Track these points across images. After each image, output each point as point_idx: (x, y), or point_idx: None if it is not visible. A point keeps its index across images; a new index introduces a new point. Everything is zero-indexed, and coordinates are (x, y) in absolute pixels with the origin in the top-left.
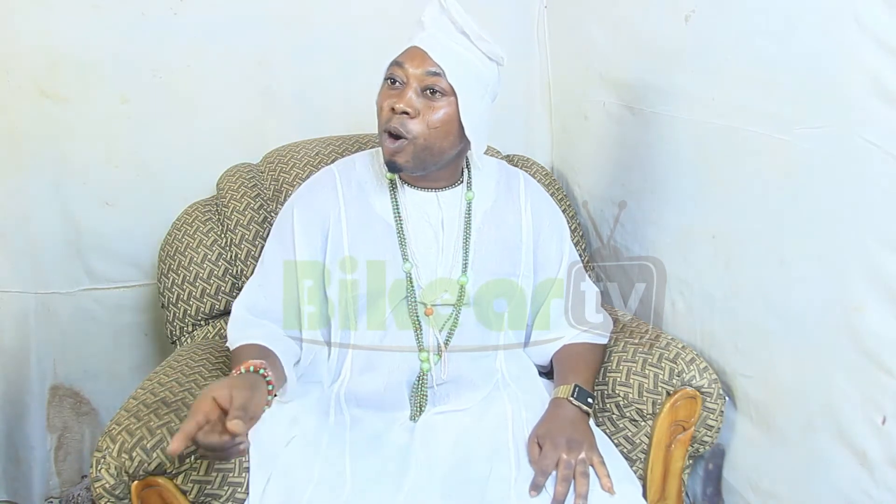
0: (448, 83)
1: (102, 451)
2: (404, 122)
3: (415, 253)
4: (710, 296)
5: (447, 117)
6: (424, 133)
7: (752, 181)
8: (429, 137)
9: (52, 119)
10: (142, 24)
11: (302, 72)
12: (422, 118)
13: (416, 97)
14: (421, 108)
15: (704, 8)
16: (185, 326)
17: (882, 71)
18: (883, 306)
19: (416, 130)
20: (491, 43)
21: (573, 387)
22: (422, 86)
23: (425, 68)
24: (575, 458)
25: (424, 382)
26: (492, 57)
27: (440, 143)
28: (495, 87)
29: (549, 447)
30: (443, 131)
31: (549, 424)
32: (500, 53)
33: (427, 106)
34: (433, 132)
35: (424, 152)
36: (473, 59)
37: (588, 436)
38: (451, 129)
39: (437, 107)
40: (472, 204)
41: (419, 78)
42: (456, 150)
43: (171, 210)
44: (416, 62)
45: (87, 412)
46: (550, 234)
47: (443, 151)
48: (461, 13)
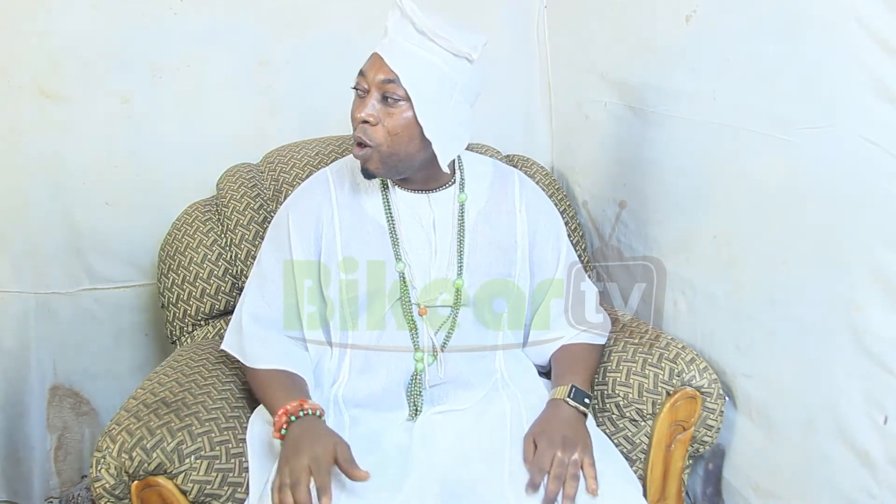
0: (403, 88)
1: (102, 451)
2: (366, 130)
3: (408, 253)
4: (712, 295)
5: (406, 122)
6: (386, 140)
7: (753, 181)
8: (391, 144)
9: (52, 119)
10: (142, 24)
11: (302, 72)
12: (382, 125)
13: (378, 104)
14: (381, 116)
15: (705, 8)
16: (185, 326)
17: (883, 71)
18: (884, 306)
19: (378, 138)
20: (452, 40)
21: (570, 387)
22: (380, 93)
23: (381, 75)
24: (569, 458)
25: (419, 382)
26: (457, 53)
27: (404, 148)
28: (469, 85)
29: (545, 445)
30: (405, 137)
31: (546, 424)
32: (464, 49)
33: (386, 113)
34: (394, 138)
35: (391, 158)
36: (434, 59)
37: (583, 437)
38: (412, 133)
39: (394, 113)
40: (465, 205)
41: (378, 85)
42: (427, 153)
43: (171, 210)
44: (374, 70)
45: (87, 412)
46: (547, 234)
47: (410, 156)
48: (418, 13)
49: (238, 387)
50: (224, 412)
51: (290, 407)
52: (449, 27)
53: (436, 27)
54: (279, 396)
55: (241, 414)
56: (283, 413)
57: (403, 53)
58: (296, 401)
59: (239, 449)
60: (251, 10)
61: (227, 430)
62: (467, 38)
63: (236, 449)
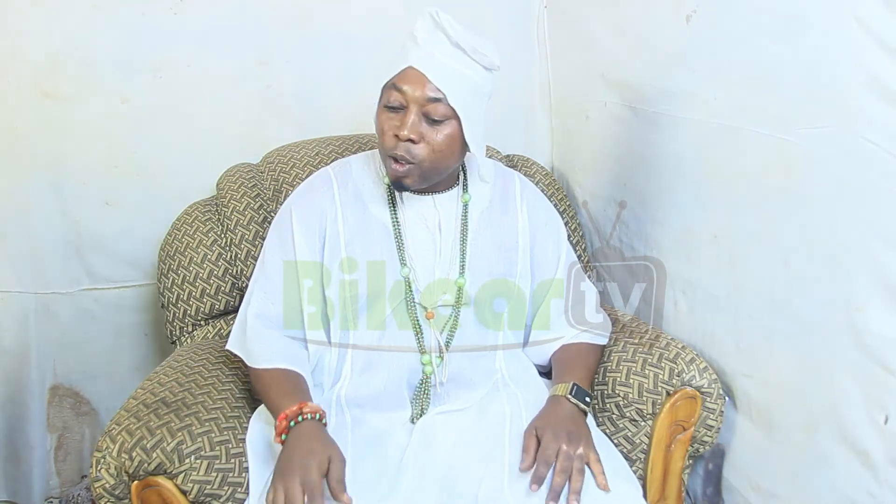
0: (450, 106)
1: (102, 451)
2: (409, 148)
3: (412, 256)
4: (713, 295)
5: (450, 139)
6: (430, 157)
7: (754, 181)
8: (434, 160)
9: (52, 119)
10: (142, 24)
11: (302, 72)
12: (425, 143)
13: (419, 120)
14: (424, 133)
15: (706, 8)
16: (185, 326)
17: (883, 71)
18: (885, 306)
19: (421, 155)
20: (488, 55)
21: (571, 385)
22: (423, 110)
23: (426, 93)
24: (574, 451)
25: (428, 384)
26: (489, 67)
27: (445, 162)
28: (490, 93)
29: (550, 438)
30: (448, 152)
31: (548, 418)
32: (496, 63)
33: (430, 130)
34: (438, 155)
35: (431, 172)
36: (471, 74)
37: (586, 433)
38: (455, 148)
39: (440, 130)
40: (469, 206)
41: (420, 102)
42: (458, 163)
43: (171, 210)
44: (415, 86)
45: (87, 412)
46: (547, 234)
47: (448, 168)
48: (454, 26)
49: (238, 387)
50: (224, 412)
51: (289, 412)
52: (480, 39)
53: (473, 42)
54: (280, 399)
55: (241, 414)
56: (282, 418)
57: (445, 70)
58: (295, 404)
59: (239, 449)
60: (251, 10)
61: (227, 430)
62: (492, 48)
63: (236, 449)
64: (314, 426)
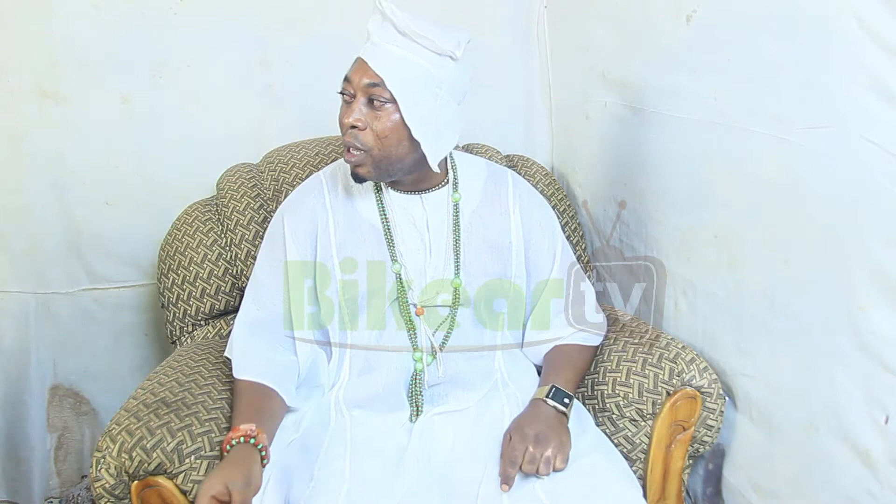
0: (389, 91)
1: (102, 451)
2: (356, 135)
3: (403, 255)
4: (713, 295)
5: (394, 124)
6: (376, 143)
7: (754, 181)
8: (381, 147)
9: (52, 119)
10: (142, 24)
11: (302, 72)
12: (370, 129)
13: (365, 108)
14: (369, 120)
15: (706, 8)
16: (185, 326)
17: (883, 71)
18: (885, 305)
19: (368, 142)
20: (434, 39)
21: (550, 387)
22: (366, 97)
23: (366, 79)
24: (541, 454)
25: (419, 382)
26: (440, 52)
27: (394, 150)
28: (455, 84)
29: (518, 439)
30: (393, 139)
31: (523, 420)
32: (447, 48)
33: (374, 116)
34: (384, 141)
35: (382, 161)
36: (418, 60)
37: (559, 435)
38: (401, 135)
39: (382, 116)
40: (460, 204)
41: (363, 90)
42: (417, 154)
43: (171, 210)
44: (358, 74)
45: (87, 412)
46: (542, 234)
47: (401, 158)
48: (398, 14)
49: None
50: (224, 412)
51: (230, 434)
52: (431, 26)
53: (417, 27)
54: (238, 417)
55: None
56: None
57: (387, 56)
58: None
59: None
60: (251, 10)
61: (228, 431)
62: (451, 36)
63: None
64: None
